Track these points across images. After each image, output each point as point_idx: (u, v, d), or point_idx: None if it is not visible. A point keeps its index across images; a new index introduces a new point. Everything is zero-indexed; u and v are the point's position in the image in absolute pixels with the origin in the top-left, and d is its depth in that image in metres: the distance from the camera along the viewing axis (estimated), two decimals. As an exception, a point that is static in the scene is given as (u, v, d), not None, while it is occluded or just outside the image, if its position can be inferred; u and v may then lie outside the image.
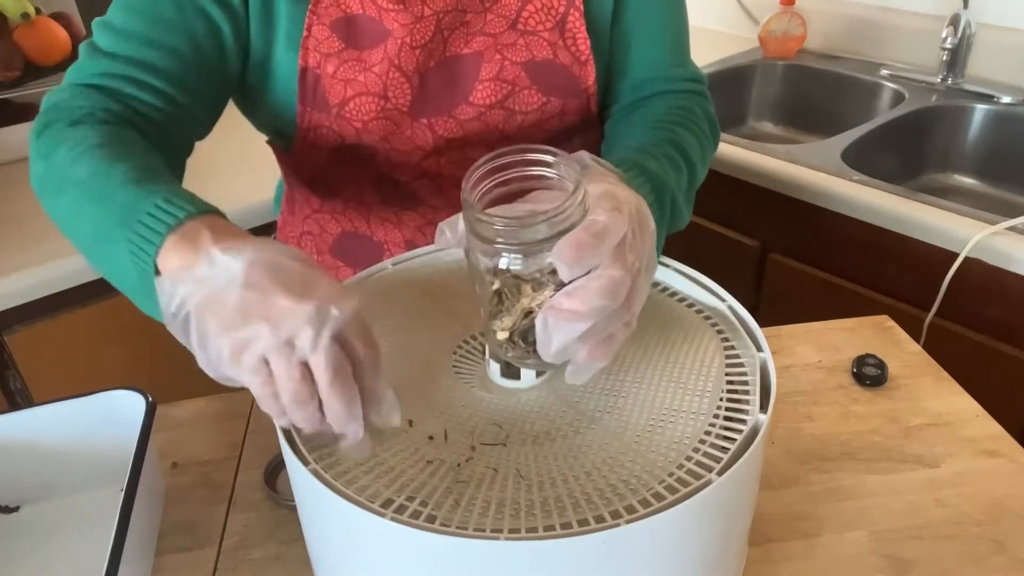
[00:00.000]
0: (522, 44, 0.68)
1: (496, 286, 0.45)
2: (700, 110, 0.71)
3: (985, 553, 0.56)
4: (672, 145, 0.63)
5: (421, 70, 0.67)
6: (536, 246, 0.42)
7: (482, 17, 0.68)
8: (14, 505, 0.65)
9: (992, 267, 0.98)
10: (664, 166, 0.59)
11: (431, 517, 0.39)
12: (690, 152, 0.64)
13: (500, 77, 0.68)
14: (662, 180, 0.57)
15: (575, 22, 0.68)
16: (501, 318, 0.46)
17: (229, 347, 0.40)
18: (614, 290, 0.42)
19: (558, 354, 0.43)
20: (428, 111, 0.68)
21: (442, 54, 0.68)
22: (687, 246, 1.30)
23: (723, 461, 0.42)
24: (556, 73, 0.69)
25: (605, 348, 0.44)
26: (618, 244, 0.43)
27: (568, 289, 0.42)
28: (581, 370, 0.45)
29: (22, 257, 1.05)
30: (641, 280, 0.45)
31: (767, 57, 1.60)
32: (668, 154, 0.61)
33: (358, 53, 0.66)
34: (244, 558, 0.58)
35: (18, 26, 1.31)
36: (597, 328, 0.43)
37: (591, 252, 0.42)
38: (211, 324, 0.40)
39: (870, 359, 0.73)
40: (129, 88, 0.60)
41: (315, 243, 0.81)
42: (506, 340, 0.46)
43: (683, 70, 0.75)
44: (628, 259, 0.43)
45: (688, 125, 0.67)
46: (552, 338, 0.43)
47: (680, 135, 0.65)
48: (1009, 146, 1.32)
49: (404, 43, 0.65)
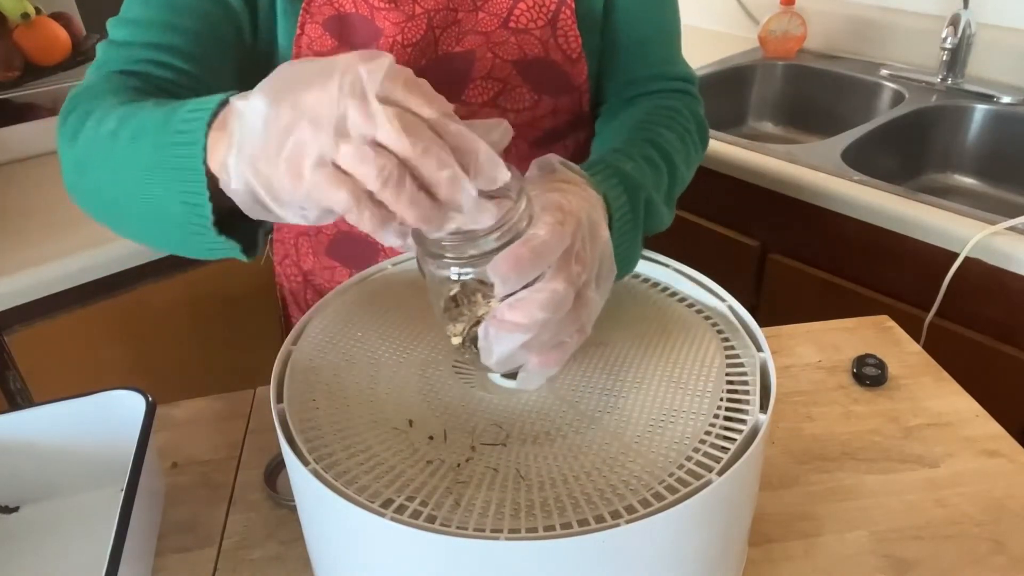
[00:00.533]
0: (514, 42, 0.68)
1: (451, 292, 0.46)
2: (687, 110, 0.71)
3: (985, 553, 0.56)
4: (652, 145, 0.63)
5: (413, 68, 0.67)
6: (483, 259, 0.42)
7: (473, 15, 0.68)
8: (14, 505, 0.65)
9: (992, 267, 0.98)
10: (641, 167, 0.59)
11: (431, 517, 0.39)
12: (671, 152, 0.64)
13: (492, 75, 0.68)
14: (637, 181, 0.57)
15: (566, 20, 0.68)
16: (455, 323, 0.47)
17: (287, 173, 0.36)
18: (556, 303, 0.42)
19: (500, 363, 0.44)
20: None
21: (434, 53, 0.68)
22: (687, 246, 1.30)
23: (723, 461, 0.42)
24: (548, 71, 0.69)
25: (556, 355, 0.45)
26: (563, 255, 0.43)
27: (510, 301, 0.42)
28: (532, 376, 0.47)
29: (22, 257, 1.05)
30: (589, 289, 0.46)
31: (767, 57, 1.60)
32: (647, 154, 0.61)
33: (349, 51, 0.66)
34: (244, 558, 0.58)
35: (18, 26, 1.30)
36: (542, 338, 0.43)
37: (529, 267, 0.41)
38: (267, 169, 0.37)
39: (870, 359, 0.73)
40: (152, 69, 0.60)
41: (311, 244, 0.81)
42: (459, 345, 0.47)
43: (674, 69, 0.75)
44: (573, 271, 0.44)
45: (671, 125, 0.67)
46: (493, 347, 0.43)
47: (662, 135, 0.65)
48: (1009, 146, 1.32)
49: (396, 41, 0.65)
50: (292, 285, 0.87)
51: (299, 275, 0.85)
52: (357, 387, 0.50)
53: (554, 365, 0.45)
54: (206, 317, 1.23)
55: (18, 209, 1.17)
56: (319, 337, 0.54)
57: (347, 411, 0.47)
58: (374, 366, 0.51)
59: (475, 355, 0.47)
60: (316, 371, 0.51)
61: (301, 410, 0.47)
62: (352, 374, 0.51)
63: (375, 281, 0.60)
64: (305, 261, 0.83)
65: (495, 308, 0.43)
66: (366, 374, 0.51)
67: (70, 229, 1.11)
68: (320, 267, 0.82)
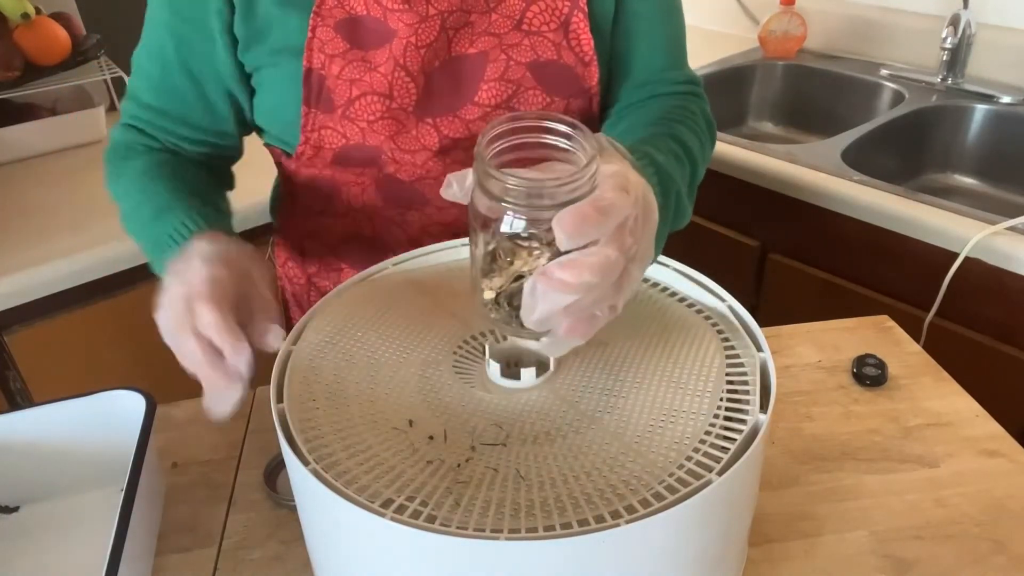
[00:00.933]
0: (527, 44, 0.68)
1: (492, 246, 0.45)
2: (698, 110, 0.72)
3: (985, 553, 0.56)
4: (675, 141, 0.63)
5: (426, 70, 0.67)
6: (540, 211, 0.42)
7: (487, 17, 0.68)
8: (14, 505, 0.65)
9: (992, 267, 0.98)
10: (670, 160, 0.59)
11: (431, 517, 0.39)
12: (692, 149, 0.64)
13: (505, 77, 0.68)
14: (669, 173, 0.57)
15: (579, 23, 0.68)
16: (491, 277, 0.45)
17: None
18: (607, 269, 0.42)
19: (540, 321, 0.43)
20: (433, 111, 0.69)
21: (447, 54, 0.68)
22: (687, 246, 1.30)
23: (723, 461, 0.42)
24: (560, 73, 0.70)
25: (586, 326, 0.44)
26: (619, 225, 0.43)
27: (562, 259, 0.42)
28: (558, 344, 0.46)
29: (22, 257, 1.05)
30: (635, 267, 0.45)
31: (767, 57, 1.60)
32: (672, 149, 0.61)
33: (363, 53, 0.66)
34: (244, 558, 0.58)
35: (18, 26, 1.31)
36: (582, 304, 0.43)
37: (593, 226, 0.41)
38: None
39: (870, 359, 0.73)
40: (164, 136, 0.74)
41: (318, 246, 0.81)
42: (492, 300, 0.46)
43: (681, 73, 0.76)
44: (627, 241, 0.43)
45: (688, 123, 0.68)
46: (538, 304, 0.43)
47: (681, 132, 0.65)
48: (1009, 146, 1.32)
49: (409, 43, 0.65)
50: (295, 287, 0.87)
51: (302, 277, 0.85)
52: (357, 387, 0.50)
53: (582, 336, 0.45)
54: (206, 317, 1.23)
55: (18, 209, 1.17)
56: (319, 337, 0.54)
57: (347, 411, 0.47)
58: (374, 366, 0.51)
59: (505, 313, 0.46)
60: (316, 371, 0.51)
61: (301, 410, 0.47)
62: (352, 374, 0.51)
63: (375, 281, 0.60)
64: (311, 263, 0.83)
65: (544, 266, 0.43)
66: (366, 374, 0.51)
67: (70, 229, 1.11)
68: (327, 269, 0.82)
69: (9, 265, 1.03)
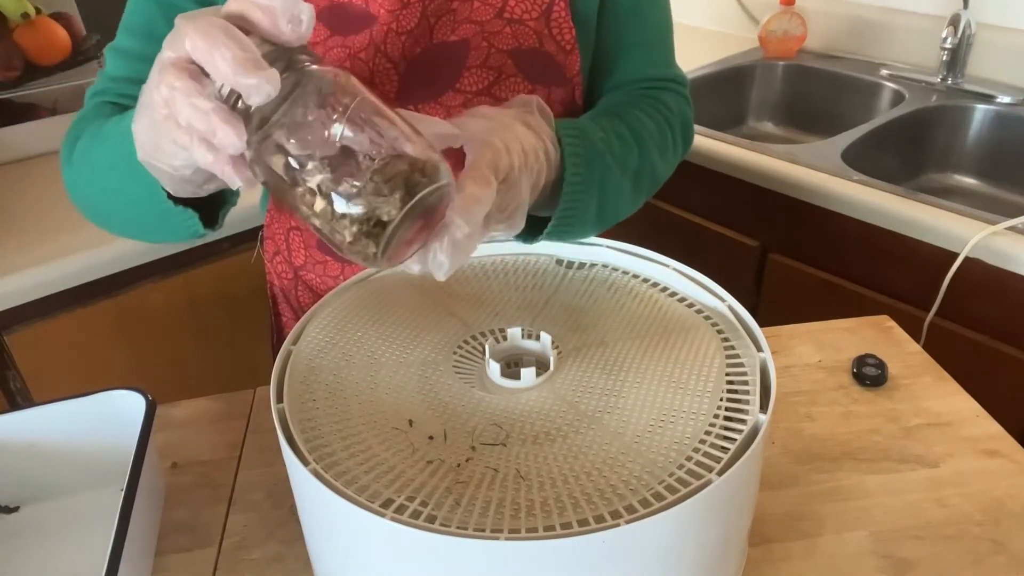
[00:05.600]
0: (508, 32, 0.69)
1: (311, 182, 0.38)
2: (675, 106, 0.73)
3: (985, 553, 0.56)
4: (625, 124, 0.65)
5: (407, 56, 0.67)
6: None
7: (468, 5, 0.68)
8: (14, 505, 0.65)
9: (992, 267, 0.98)
10: (609, 138, 0.62)
11: (431, 517, 0.39)
12: (644, 136, 0.66)
13: (487, 64, 0.69)
14: (597, 146, 0.60)
15: (560, 12, 0.69)
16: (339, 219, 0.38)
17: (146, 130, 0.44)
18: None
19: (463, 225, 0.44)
20: (415, 98, 0.69)
21: (429, 41, 0.68)
22: (687, 246, 1.31)
23: (723, 461, 0.42)
24: (542, 61, 0.70)
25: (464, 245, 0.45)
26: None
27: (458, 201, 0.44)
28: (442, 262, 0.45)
29: (22, 257, 1.05)
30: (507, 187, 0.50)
31: (767, 57, 1.60)
32: (617, 129, 0.64)
33: (343, 39, 0.67)
34: (244, 558, 0.58)
35: (18, 26, 1.30)
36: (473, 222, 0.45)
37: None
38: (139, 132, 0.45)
39: (870, 359, 0.73)
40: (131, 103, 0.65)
41: (302, 238, 0.82)
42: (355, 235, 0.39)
43: (667, 71, 0.77)
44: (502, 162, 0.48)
45: (652, 113, 0.69)
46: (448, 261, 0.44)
47: (638, 118, 0.67)
48: (1009, 146, 1.32)
49: (390, 29, 0.66)
50: (283, 283, 0.87)
51: (290, 271, 0.85)
52: (357, 387, 0.50)
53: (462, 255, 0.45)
54: (206, 317, 1.23)
55: (18, 209, 1.17)
56: (319, 337, 0.54)
57: (347, 411, 0.47)
58: (374, 366, 0.51)
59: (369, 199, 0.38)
60: (316, 371, 0.51)
61: (301, 410, 0.47)
62: (352, 374, 0.51)
63: (375, 281, 0.60)
64: (297, 256, 0.83)
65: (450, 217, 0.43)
66: (366, 374, 0.51)
67: (70, 229, 1.11)
68: (312, 261, 0.82)
69: (9, 265, 1.03)
